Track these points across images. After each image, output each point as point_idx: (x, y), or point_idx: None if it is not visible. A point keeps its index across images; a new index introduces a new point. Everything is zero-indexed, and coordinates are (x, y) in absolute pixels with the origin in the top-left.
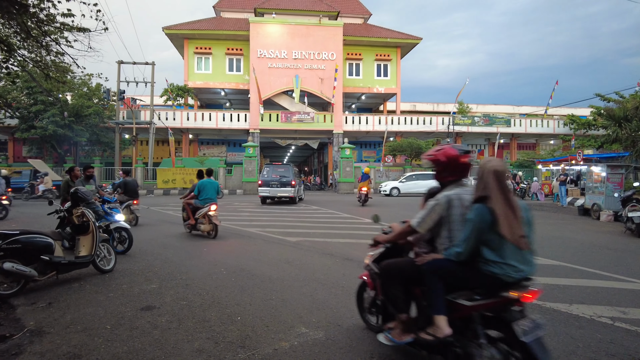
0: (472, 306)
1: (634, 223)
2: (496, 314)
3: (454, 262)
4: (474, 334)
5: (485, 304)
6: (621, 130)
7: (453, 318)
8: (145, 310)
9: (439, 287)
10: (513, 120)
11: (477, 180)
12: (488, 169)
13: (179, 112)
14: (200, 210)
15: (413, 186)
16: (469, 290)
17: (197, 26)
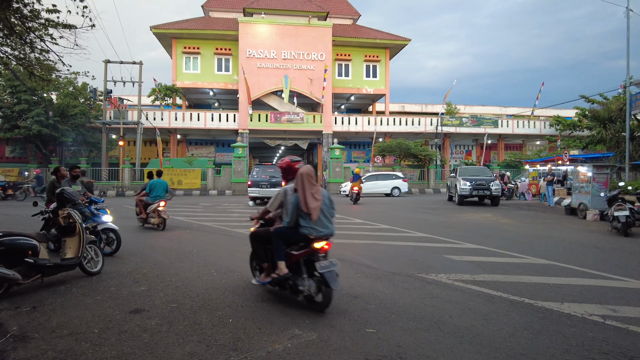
0: (296, 254)
1: (620, 222)
2: (310, 258)
3: (287, 228)
4: (301, 272)
5: (304, 252)
6: (605, 131)
7: (290, 263)
8: (134, 313)
9: (280, 244)
10: (500, 121)
11: (295, 180)
12: (299, 172)
13: (167, 112)
14: (151, 206)
15: (373, 186)
16: (296, 244)
17: (186, 26)
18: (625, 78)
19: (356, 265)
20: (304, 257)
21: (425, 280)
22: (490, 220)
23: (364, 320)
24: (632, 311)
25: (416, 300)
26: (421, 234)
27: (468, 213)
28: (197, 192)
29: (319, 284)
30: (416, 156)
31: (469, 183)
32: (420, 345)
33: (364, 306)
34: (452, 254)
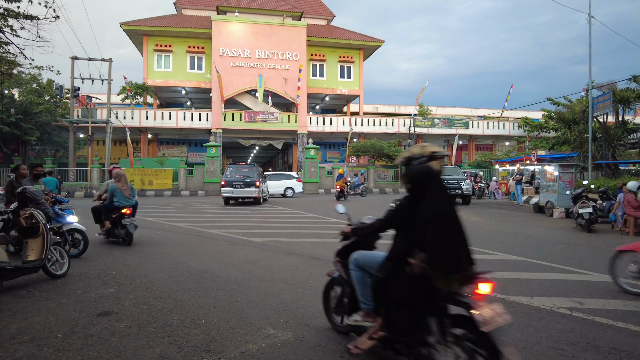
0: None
1: (584, 219)
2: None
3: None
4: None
5: (117, 215)
6: (570, 132)
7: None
8: (102, 316)
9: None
10: (471, 122)
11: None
12: (115, 172)
13: (138, 111)
14: None
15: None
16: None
17: (157, 23)
18: (588, 82)
19: (331, 264)
20: (118, 217)
21: None
22: (462, 219)
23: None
24: (596, 303)
25: None
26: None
27: None
28: (168, 193)
29: (126, 231)
30: (390, 156)
31: None
32: None
33: None
34: None
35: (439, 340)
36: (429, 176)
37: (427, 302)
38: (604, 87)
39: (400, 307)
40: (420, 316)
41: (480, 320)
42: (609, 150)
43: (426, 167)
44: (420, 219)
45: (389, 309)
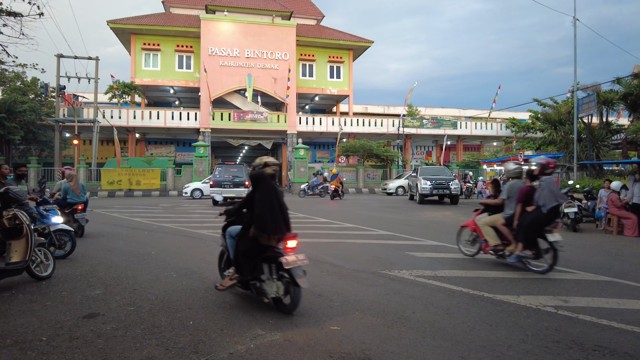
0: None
1: (569, 218)
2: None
3: (62, 199)
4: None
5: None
6: (556, 133)
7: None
8: (87, 318)
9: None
10: (459, 122)
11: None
12: (67, 173)
13: (125, 110)
14: None
15: None
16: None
17: (145, 21)
18: (573, 84)
19: (321, 263)
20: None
21: (388, 277)
22: (450, 218)
23: (328, 318)
24: (581, 301)
25: (380, 297)
26: (384, 232)
27: (429, 211)
28: (156, 193)
29: (79, 225)
30: (379, 156)
31: (430, 182)
32: (384, 341)
33: (328, 304)
34: (414, 251)
35: (268, 278)
36: (261, 177)
37: (259, 253)
38: (588, 88)
39: (244, 257)
40: (256, 262)
41: (284, 262)
42: (593, 150)
43: (260, 171)
44: (254, 203)
45: (238, 259)
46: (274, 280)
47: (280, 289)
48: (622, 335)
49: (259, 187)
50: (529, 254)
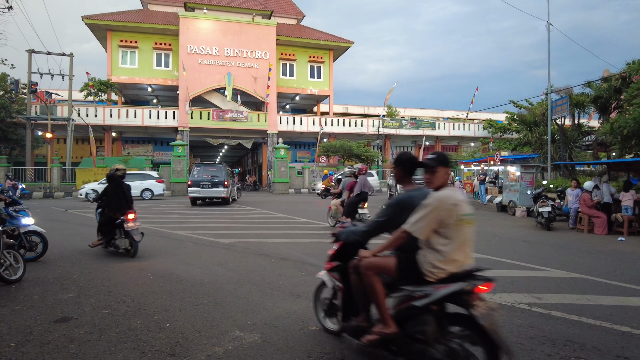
0: None
1: (544, 217)
2: None
3: None
4: None
5: None
6: (531, 134)
7: None
8: (60, 322)
9: None
10: (438, 123)
11: None
12: None
13: (102, 108)
14: None
15: None
16: None
17: (122, 18)
18: (547, 86)
19: (300, 264)
20: None
21: None
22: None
23: (308, 318)
24: (553, 298)
25: None
26: None
27: None
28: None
29: None
30: (359, 156)
31: None
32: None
33: (308, 305)
34: None
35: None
36: (112, 177)
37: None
38: (561, 91)
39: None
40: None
41: (126, 227)
42: (566, 151)
43: (113, 174)
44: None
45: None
46: (123, 238)
47: (127, 243)
48: (591, 331)
49: (111, 183)
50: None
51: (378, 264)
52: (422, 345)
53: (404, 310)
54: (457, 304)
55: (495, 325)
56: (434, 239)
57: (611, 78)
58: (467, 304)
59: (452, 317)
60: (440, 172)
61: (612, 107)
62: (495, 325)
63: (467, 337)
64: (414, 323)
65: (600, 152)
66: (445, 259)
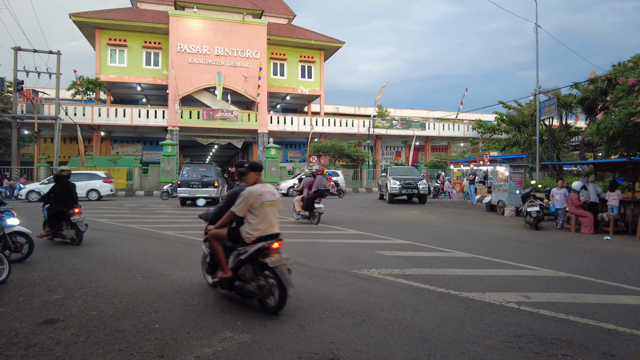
0: None
1: (532, 217)
2: None
3: None
4: None
5: None
6: (520, 134)
7: None
8: (46, 324)
9: None
10: (428, 124)
11: None
12: None
13: (90, 107)
14: None
15: None
16: None
17: (111, 16)
18: (535, 87)
19: (291, 264)
20: None
21: (357, 276)
22: (418, 217)
23: (298, 318)
24: (541, 297)
25: (349, 296)
26: (354, 231)
27: (398, 210)
28: (122, 193)
29: None
30: (350, 156)
31: (399, 182)
32: (352, 340)
33: (298, 304)
34: (383, 250)
35: (65, 228)
36: (59, 177)
37: (59, 216)
38: (549, 92)
39: (52, 218)
40: (58, 221)
41: (72, 219)
42: (554, 152)
43: (59, 174)
44: (55, 191)
45: (50, 220)
46: (69, 229)
47: (73, 233)
48: (578, 328)
49: (58, 182)
50: (306, 214)
51: (217, 233)
52: (244, 283)
53: (236, 262)
54: (261, 256)
55: (283, 268)
56: (247, 216)
57: (597, 80)
58: (266, 255)
59: (262, 264)
60: (251, 175)
61: (599, 108)
62: (284, 267)
63: (269, 277)
64: (242, 270)
65: (587, 152)
66: (254, 228)
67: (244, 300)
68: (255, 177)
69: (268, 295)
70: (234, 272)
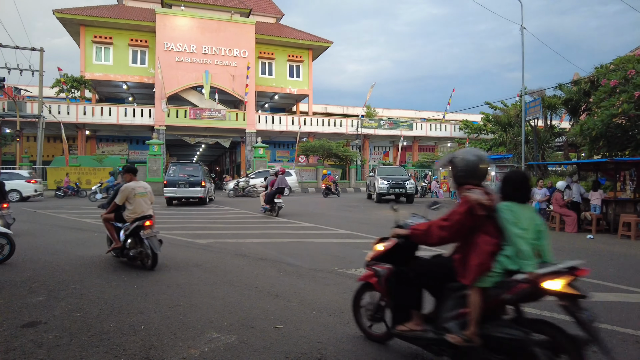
0: None
1: None
2: None
3: None
4: None
5: None
6: (506, 134)
7: None
8: (27, 327)
9: None
10: (415, 124)
11: None
12: None
13: (74, 105)
14: None
15: None
16: None
17: (96, 13)
18: (521, 88)
19: (279, 264)
20: None
21: (345, 275)
22: (406, 217)
23: (286, 318)
24: None
25: (337, 296)
26: (342, 231)
27: (385, 210)
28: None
29: None
30: (338, 156)
31: (386, 182)
32: (339, 340)
33: (286, 304)
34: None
35: None
36: None
37: None
38: (535, 93)
39: None
40: None
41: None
42: (539, 152)
43: None
44: None
45: None
46: None
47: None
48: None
49: None
50: (267, 207)
51: (107, 217)
52: (129, 250)
53: (125, 236)
54: (139, 230)
55: (154, 238)
56: (126, 204)
57: (581, 81)
58: (142, 230)
59: (140, 237)
60: (126, 176)
61: (582, 110)
62: (154, 238)
63: (145, 245)
64: (127, 242)
65: (571, 152)
66: (131, 212)
67: (130, 262)
68: (129, 177)
69: (145, 258)
70: (123, 242)
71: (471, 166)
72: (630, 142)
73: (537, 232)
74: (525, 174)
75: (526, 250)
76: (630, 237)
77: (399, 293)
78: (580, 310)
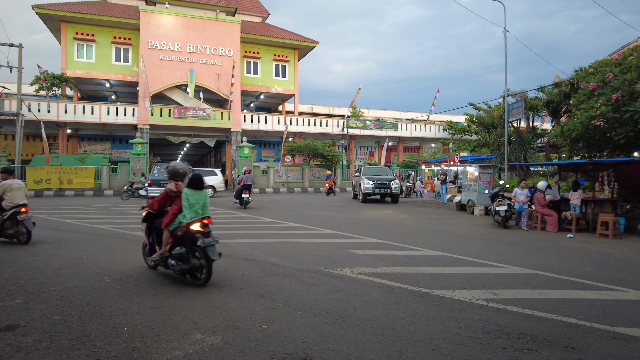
0: None
1: (500, 216)
2: None
3: None
4: None
5: None
6: (489, 135)
7: None
8: (5, 330)
9: None
10: (400, 124)
11: None
12: None
13: (55, 103)
14: None
15: None
16: None
17: (78, 9)
18: (504, 90)
19: (264, 264)
20: None
21: (330, 275)
22: (391, 216)
23: (270, 319)
24: (509, 293)
25: (322, 295)
26: (328, 231)
27: (371, 210)
28: (90, 193)
29: None
30: (324, 156)
31: (372, 182)
32: (325, 339)
33: (271, 305)
34: (356, 249)
35: None
36: None
37: None
38: (517, 95)
39: None
40: None
41: None
42: (522, 153)
43: None
44: None
45: None
46: None
47: None
48: (543, 323)
49: None
50: (237, 201)
51: None
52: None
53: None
54: (16, 215)
55: (28, 220)
56: (4, 196)
57: (562, 84)
58: (19, 214)
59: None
60: (3, 176)
61: (563, 111)
62: (29, 220)
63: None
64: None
65: (552, 153)
66: (8, 202)
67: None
68: (6, 176)
69: (21, 235)
70: (1, 224)
71: (172, 171)
72: (608, 143)
73: (203, 205)
74: (200, 175)
75: (189, 214)
76: (607, 236)
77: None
78: (204, 239)
